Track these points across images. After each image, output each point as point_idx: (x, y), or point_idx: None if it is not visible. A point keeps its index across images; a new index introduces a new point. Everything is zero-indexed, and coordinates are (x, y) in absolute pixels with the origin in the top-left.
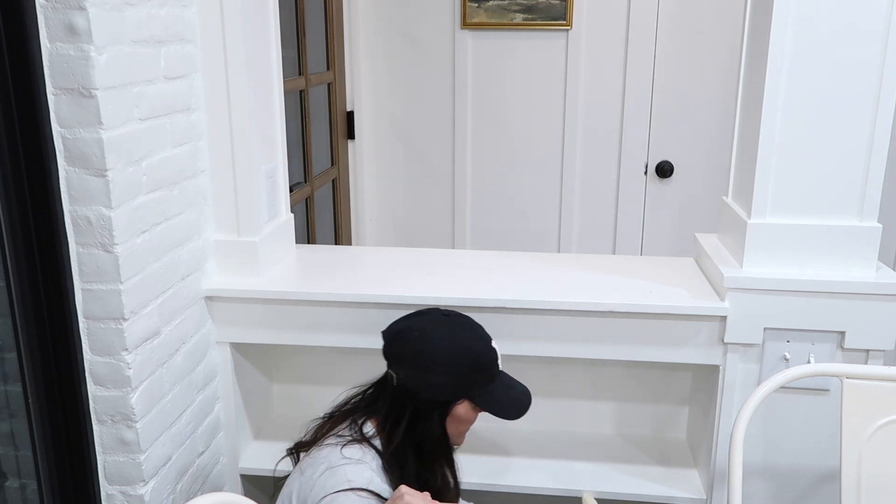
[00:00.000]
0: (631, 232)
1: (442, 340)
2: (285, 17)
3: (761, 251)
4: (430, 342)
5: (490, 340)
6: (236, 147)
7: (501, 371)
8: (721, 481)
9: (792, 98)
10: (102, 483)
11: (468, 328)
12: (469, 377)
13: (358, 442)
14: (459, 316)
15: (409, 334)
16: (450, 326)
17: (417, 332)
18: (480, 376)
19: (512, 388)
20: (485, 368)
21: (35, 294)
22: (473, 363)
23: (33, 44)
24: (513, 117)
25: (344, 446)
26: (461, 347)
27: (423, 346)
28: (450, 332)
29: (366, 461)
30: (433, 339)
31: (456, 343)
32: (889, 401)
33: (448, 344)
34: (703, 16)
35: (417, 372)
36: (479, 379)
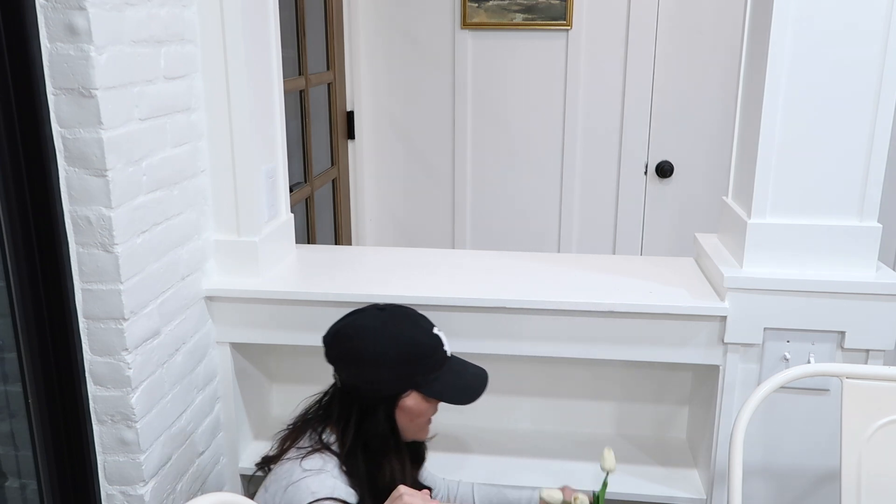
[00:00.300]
0: (631, 232)
1: (376, 335)
2: (285, 17)
3: (761, 251)
4: (364, 338)
5: (431, 328)
6: (236, 147)
7: (451, 357)
8: (721, 481)
9: (792, 98)
10: (102, 483)
11: (404, 319)
12: (409, 368)
13: (318, 451)
14: (396, 307)
15: (346, 333)
16: (384, 320)
17: (352, 330)
18: (423, 366)
19: (462, 373)
20: (426, 357)
21: (35, 294)
22: (412, 354)
23: (33, 44)
24: (513, 117)
25: (304, 458)
26: (397, 339)
27: (358, 343)
28: (384, 325)
29: (327, 469)
30: (368, 335)
31: (391, 336)
32: (889, 401)
33: (383, 338)
34: (703, 16)
35: (356, 370)
36: (423, 368)
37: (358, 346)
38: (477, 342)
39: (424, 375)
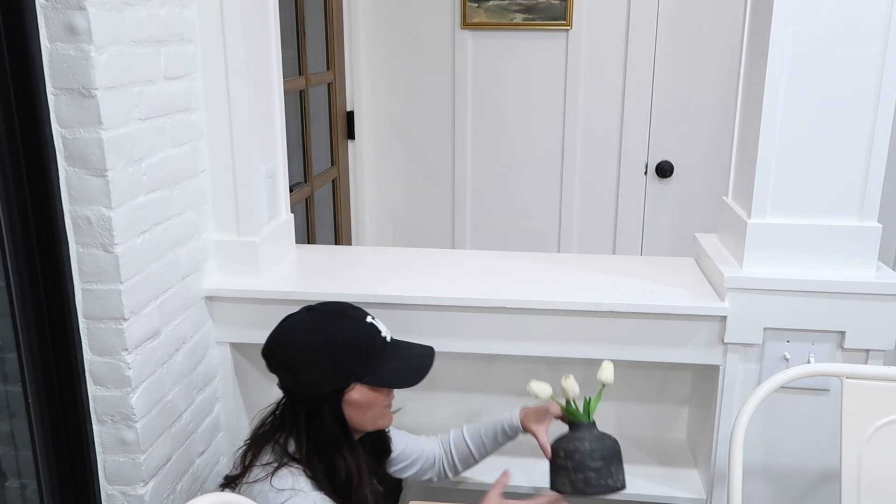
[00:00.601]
0: (631, 232)
1: (303, 337)
2: (285, 17)
3: (761, 251)
4: (292, 342)
5: (363, 318)
6: (236, 147)
7: (391, 342)
8: (721, 481)
9: (792, 98)
10: (102, 483)
11: (331, 315)
12: (344, 362)
13: (284, 465)
14: (324, 305)
15: (276, 341)
16: (310, 320)
17: (283, 335)
18: (360, 357)
19: (405, 357)
20: (361, 348)
21: (35, 294)
22: (343, 347)
23: (33, 44)
24: (513, 117)
25: (272, 477)
26: (326, 337)
27: (288, 348)
28: (310, 325)
29: (299, 486)
30: (295, 338)
31: (318, 335)
32: (889, 401)
33: (312, 337)
34: (703, 16)
35: (291, 374)
36: (361, 359)
37: (290, 351)
38: (477, 342)
39: (364, 366)
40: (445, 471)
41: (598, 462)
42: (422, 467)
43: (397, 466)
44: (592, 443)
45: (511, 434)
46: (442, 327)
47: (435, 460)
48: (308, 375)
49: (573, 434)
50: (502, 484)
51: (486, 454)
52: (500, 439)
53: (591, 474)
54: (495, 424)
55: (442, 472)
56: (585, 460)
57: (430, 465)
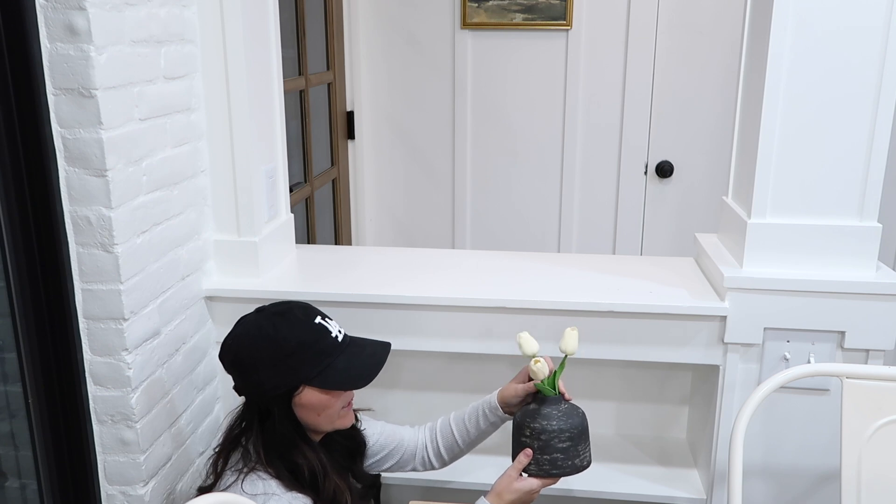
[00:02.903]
0: (631, 232)
1: (250, 339)
2: (285, 17)
3: (761, 251)
4: (241, 345)
5: (311, 319)
6: (236, 147)
7: (342, 341)
8: (721, 481)
9: (792, 98)
10: (102, 483)
11: (277, 316)
12: (291, 364)
13: (252, 470)
14: (272, 306)
15: (227, 344)
16: (258, 321)
17: (231, 339)
18: (305, 359)
19: (357, 355)
20: (307, 350)
21: (35, 294)
22: (289, 349)
23: (33, 44)
24: (513, 117)
25: (243, 481)
26: (270, 339)
27: (237, 350)
28: (257, 327)
29: (270, 489)
30: (243, 340)
31: (264, 336)
32: (889, 401)
33: (256, 340)
34: (703, 16)
35: (241, 377)
36: (306, 362)
37: (238, 354)
38: (477, 342)
39: (311, 368)
40: (431, 460)
41: (566, 443)
42: (402, 458)
43: (374, 458)
44: (560, 421)
45: (491, 417)
46: (442, 327)
47: (417, 450)
48: (254, 378)
49: (540, 409)
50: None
51: (470, 441)
52: (481, 424)
53: (557, 455)
54: (476, 408)
55: (427, 462)
56: (552, 441)
57: (412, 455)
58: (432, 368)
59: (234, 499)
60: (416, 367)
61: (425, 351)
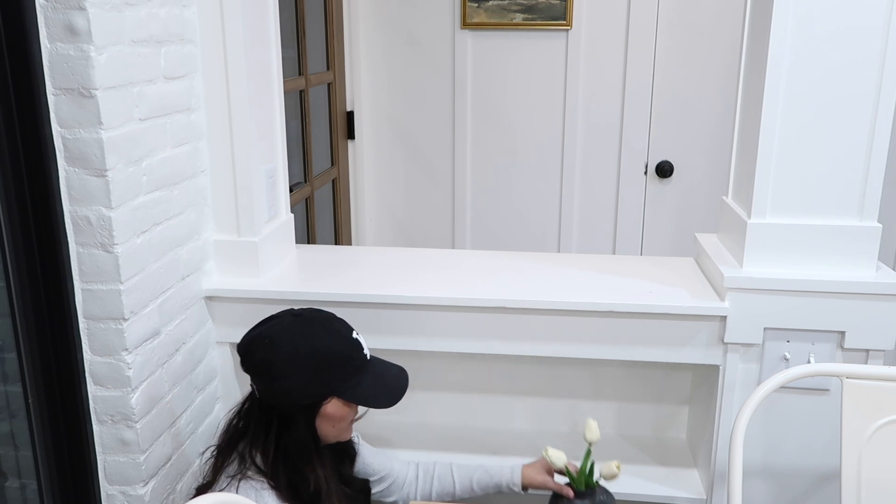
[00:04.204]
0: (631, 232)
1: (290, 344)
2: (285, 17)
3: (761, 251)
4: (278, 348)
5: (349, 333)
6: (236, 147)
7: (371, 359)
8: (721, 481)
9: (792, 98)
10: (102, 483)
11: (319, 325)
12: (327, 375)
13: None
14: (312, 312)
15: (259, 343)
16: (298, 327)
17: (266, 339)
18: (341, 371)
19: (382, 375)
20: (344, 363)
21: (35, 294)
22: (328, 360)
23: (33, 44)
24: (513, 117)
25: (237, 488)
26: (311, 347)
27: (272, 353)
28: (298, 333)
29: (262, 500)
30: (281, 343)
31: (306, 343)
32: (889, 401)
33: (297, 346)
34: (703, 16)
35: (272, 380)
36: (340, 374)
37: (272, 358)
38: (477, 342)
39: (343, 381)
40: (416, 496)
41: None
42: (390, 486)
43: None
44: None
45: (506, 490)
46: (442, 327)
47: (405, 483)
48: (288, 383)
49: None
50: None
51: (470, 496)
52: (490, 490)
53: None
54: (494, 477)
55: (412, 496)
56: None
57: (400, 486)
58: (432, 368)
59: (234, 499)
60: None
61: (425, 351)
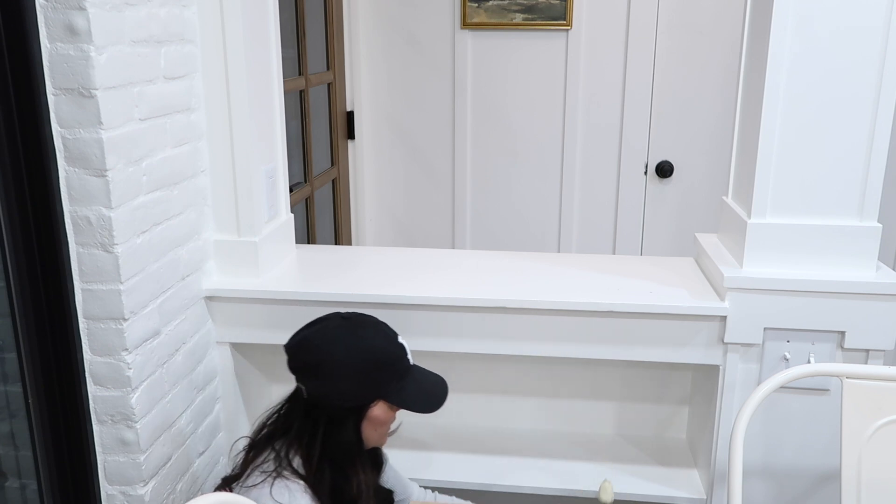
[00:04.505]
0: (631, 232)
1: (343, 345)
2: (285, 17)
3: (761, 251)
4: (331, 349)
5: (395, 337)
6: (236, 147)
7: (413, 366)
8: (721, 481)
9: (792, 98)
10: (102, 483)
11: (370, 328)
12: (377, 378)
13: (280, 476)
14: (360, 316)
15: (310, 344)
16: (350, 329)
17: (319, 340)
18: (389, 375)
19: (424, 381)
20: (392, 366)
21: (35, 294)
22: (379, 363)
23: (33, 44)
24: (513, 117)
25: (272, 486)
26: (364, 349)
27: (324, 353)
28: (350, 335)
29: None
30: (334, 345)
31: (358, 346)
32: (889, 401)
33: (350, 348)
34: (703, 16)
35: (324, 381)
36: (389, 378)
37: (325, 358)
38: (477, 342)
39: (390, 384)
40: None
41: None
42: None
43: None
44: None
45: None
46: (442, 327)
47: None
48: (341, 385)
49: None
50: None
51: None
52: None
53: None
54: None
55: None
56: None
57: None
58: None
59: (235, 499)
60: None
61: (425, 351)
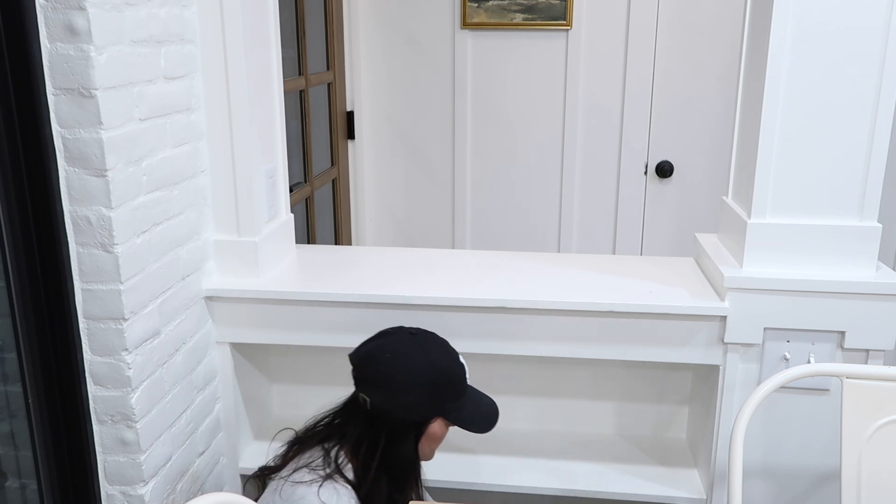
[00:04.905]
0: (631, 232)
1: (413, 360)
2: (285, 17)
3: (761, 251)
4: (401, 363)
5: (458, 356)
6: (236, 147)
7: (469, 385)
8: (721, 481)
9: (792, 98)
10: (102, 483)
11: (437, 346)
12: (441, 395)
13: (331, 478)
14: (427, 333)
15: (380, 356)
16: (419, 345)
17: (388, 353)
18: (451, 393)
19: (480, 402)
20: (455, 385)
21: (35, 294)
22: (444, 381)
23: (33, 44)
24: (513, 117)
25: (320, 487)
26: (432, 366)
27: (394, 367)
28: (420, 351)
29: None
30: (404, 359)
31: (427, 362)
32: (889, 401)
33: (420, 363)
34: (703, 16)
35: (391, 394)
36: (452, 396)
37: (394, 372)
38: (477, 342)
39: (451, 403)
40: None
41: None
42: None
43: None
44: None
45: None
46: (442, 327)
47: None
48: (408, 400)
49: None
50: None
51: None
52: None
53: None
54: None
55: None
56: None
57: None
58: None
59: (235, 499)
60: None
61: None
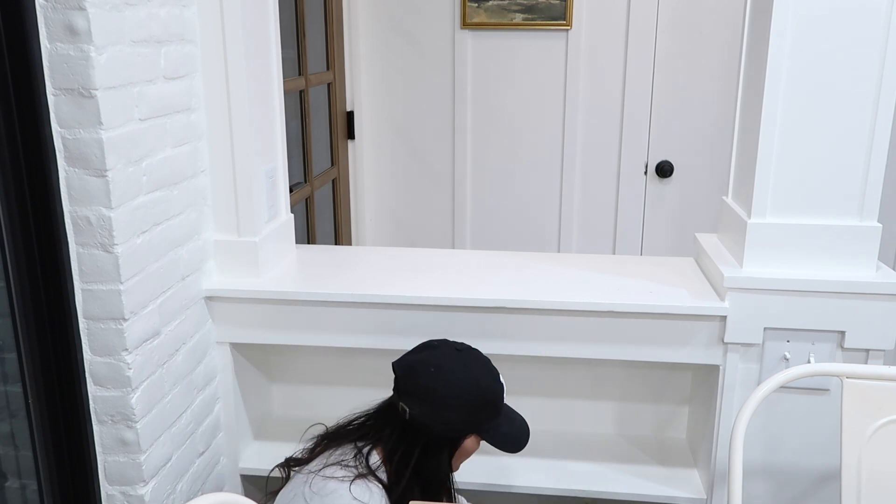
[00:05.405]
0: (631, 232)
1: (457, 377)
2: (285, 17)
3: (761, 251)
4: (445, 378)
5: (498, 375)
6: (236, 147)
7: (505, 404)
8: (721, 481)
9: (792, 98)
10: (102, 483)
11: (480, 364)
12: (480, 412)
13: (364, 477)
14: (472, 350)
15: (424, 370)
16: (463, 362)
17: (433, 367)
18: (489, 412)
19: (514, 421)
20: (494, 405)
21: (35, 294)
22: (484, 399)
23: (33, 44)
24: (513, 117)
25: (352, 483)
26: (474, 384)
27: (438, 382)
28: (464, 367)
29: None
30: (448, 375)
31: (470, 379)
32: (889, 401)
33: (463, 380)
34: (703, 16)
35: (432, 408)
36: (488, 414)
37: (438, 387)
38: (477, 342)
39: (489, 420)
40: None
41: None
42: None
43: None
44: None
45: None
46: (442, 327)
47: None
48: (448, 414)
49: None
50: None
51: None
52: None
53: None
54: None
55: None
56: None
57: None
58: None
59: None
60: None
61: None
